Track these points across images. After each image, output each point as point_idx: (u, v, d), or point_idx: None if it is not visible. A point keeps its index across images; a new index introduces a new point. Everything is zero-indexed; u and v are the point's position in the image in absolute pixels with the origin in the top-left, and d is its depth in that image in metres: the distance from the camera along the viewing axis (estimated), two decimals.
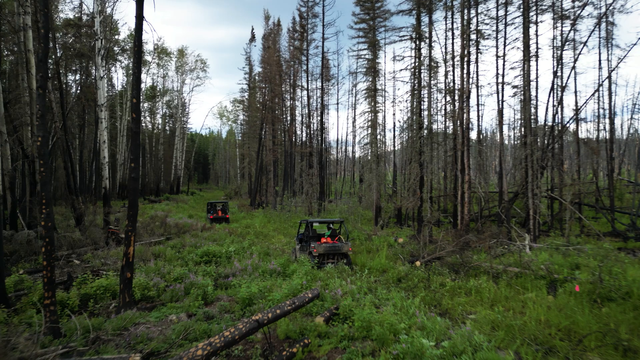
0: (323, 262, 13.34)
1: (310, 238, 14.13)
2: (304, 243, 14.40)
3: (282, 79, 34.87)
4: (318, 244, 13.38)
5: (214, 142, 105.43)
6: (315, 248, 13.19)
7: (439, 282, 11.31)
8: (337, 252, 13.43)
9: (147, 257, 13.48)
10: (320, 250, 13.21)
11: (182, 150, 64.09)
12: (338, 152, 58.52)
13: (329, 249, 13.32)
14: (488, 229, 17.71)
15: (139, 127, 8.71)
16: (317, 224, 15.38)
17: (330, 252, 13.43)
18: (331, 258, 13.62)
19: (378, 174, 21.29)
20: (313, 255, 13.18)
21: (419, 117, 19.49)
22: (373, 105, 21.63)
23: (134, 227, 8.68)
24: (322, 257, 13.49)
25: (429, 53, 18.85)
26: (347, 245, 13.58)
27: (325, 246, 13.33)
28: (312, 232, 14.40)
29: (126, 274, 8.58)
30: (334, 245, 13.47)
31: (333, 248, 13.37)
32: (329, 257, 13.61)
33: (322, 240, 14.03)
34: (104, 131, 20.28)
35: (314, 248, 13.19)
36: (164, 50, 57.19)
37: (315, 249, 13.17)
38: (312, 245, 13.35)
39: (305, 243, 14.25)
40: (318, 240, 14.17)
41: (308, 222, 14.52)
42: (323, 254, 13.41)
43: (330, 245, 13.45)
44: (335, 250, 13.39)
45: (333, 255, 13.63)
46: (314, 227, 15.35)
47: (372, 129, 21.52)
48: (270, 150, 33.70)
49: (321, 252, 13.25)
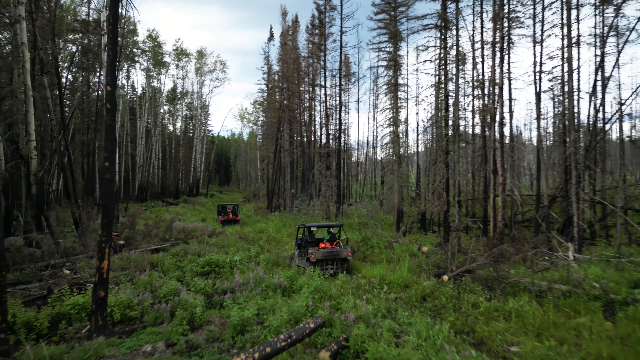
0: (322, 269, 12.66)
1: (309, 243, 13.45)
2: (302, 249, 13.67)
3: (300, 77, 33.55)
4: (316, 250, 12.73)
5: (235, 144, 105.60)
6: (313, 254, 12.52)
7: (471, 301, 9.61)
8: (336, 257, 12.78)
9: (144, 267, 12.27)
10: (318, 255, 12.53)
11: (202, 153, 63.70)
12: (358, 153, 56.83)
13: (327, 254, 12.65)
14: (523, 236, 15.78)
15: (114, 119, 7.42)
16: (316, 228, 14.52)
17: (329, 258, 12.77)
18: (330, 264, 12.97)
19: (400, 175, 19.62)
20: (311, 261, 12.53)
21: (445, 112, 17.74)
22: (394, 101, 19.99)
23: (108, 237, 7.37)
24: (320, 263, 12.78)
25: (456, 42, 17.11)
26: (347, 250, 12.95)
27: (324, 251, 12.66)
28: (310, 237, 13.81)
29: (99, 292, 7.28)
30: (332, 250, 12.81)
31: (332, 253, 12.71)
32: (327, 262, 12.93)
33: (321, 246, 13.39)
34: None
35: (311, 254, 12.52)
36: (183, 52, 56.86)
37: (313, 254, 12.51)
38: (310, 250, 12.65)
39: (303, 249, 13.52)
40: (316, 245, 13.52)
41: (306, 226, 13.89)
42: (321, 259, 12.71)
43: (329, 250, 12.78)
44: (335, 256, 12.73)
45: (332, 260, 12.97)
46: (313, 232, 14.65)
47: (394, 127, 19.88)
48: (287, 151, 32.39)
49: (319, 257, 12.57)
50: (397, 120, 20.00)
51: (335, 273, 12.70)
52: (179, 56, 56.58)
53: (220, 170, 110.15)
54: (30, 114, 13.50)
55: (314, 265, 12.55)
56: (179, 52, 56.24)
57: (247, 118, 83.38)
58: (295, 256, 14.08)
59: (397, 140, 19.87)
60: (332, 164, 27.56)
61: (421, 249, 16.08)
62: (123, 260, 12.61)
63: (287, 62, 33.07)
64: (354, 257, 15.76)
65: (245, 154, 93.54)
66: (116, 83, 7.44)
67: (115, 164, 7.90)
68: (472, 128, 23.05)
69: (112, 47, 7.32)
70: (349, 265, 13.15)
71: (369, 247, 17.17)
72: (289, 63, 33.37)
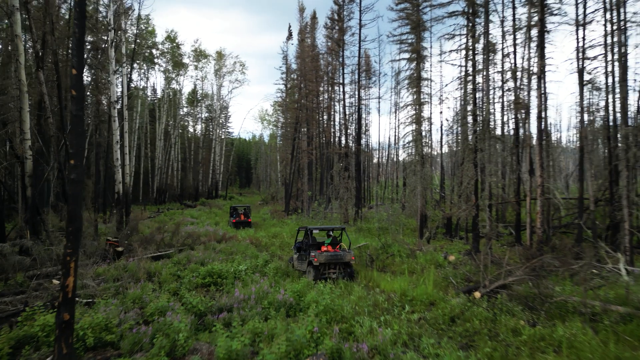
0: (324, 273, 12.30)
1: (310, 246, 13.03)
2: (302, 252, 13.35)
3: (319, 76, 32.27)
4: (318, 253, 12.27)
5: (255, 146, 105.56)
6: (316, 257, 12.09)
7: (510, 326, 8.05)
8: (339, 261, 12.38)
9: (139, 277, 11.17)
10: (321, 259, 12.09)
11: (221, 154, 63.24)
12: (379, 154, 55.13)
13: (330, 258, 12.21)
14: (565, 245, 14.00)
15: (82, 109, 6.26)
16: (317, 231, 14.27)
17: (332, 262, 12.34)
18: (333, 268, 12.53)
19: (423, 176, 18.05)
20: (313, 264, 12.16)
21: (474, 107, 16.12)
22: (417, 97, 18.45)
23: (75, 249, 6.21)
24: (323, 266, 12.34)
25: (485, 30, 15.47)
26: (350, 254, 12.52)
27: (327, 255, 12.21)
28: (311, 239, 13.42)
29: (63, 315, 6.12)
30: (335, 254, 12.36)
31: (335, 257, 12.27)
32: (330, 266, 12.50)
33: (323, 249, 12.94)
34: (117, 131, 18.50)
35: (314, 257, 12.11)
36: (202, 53, 56.50)
37: (316, 258, 12.08)
38: (312, 254, 12.24)
39: (304, 252, 13.21)
40: (318, 248, 13.05)
41: (307, 229, 13.49)
42: (324, 263, 12.27)
43: (332, 254, 12.33)
44: (337, 260, 12.32)
45: (335, 264, 12.53)
46: (314, 235, 14.43)
47: (416, 124, 18.33)
48: (305, 152, 31.13)
49: (322, 261, 12.13)
50: (420, 117, 18.43)
51: (337, 278, 12.25)
52: (197, 57, 56.26)
53: (241, 172, 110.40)
54: (25, 111, 12.66)
55: (316, 269, 12.12)
56: (197, 53, 55.89)
57: (267, 120, 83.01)
58: (295, 260, 13.67)
59: (420, 139, 18.30)
60: (350, 165, 26.13)
61: (448, 259, 14.50)
62: (118, 270, 11.55)
63: (304, 60, 31.88)
64: (372, 267, 14.34)
65: (265, 156, 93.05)
66: (83, 65, 6.30)
67: (83, 162, 6.74)
68: (501, 125, 21.23)
69: (79, 23, 6.17)
70: (351, 270, 12.70)
71: (389, 255, 15.70)
72: (307, 61, 32.17)
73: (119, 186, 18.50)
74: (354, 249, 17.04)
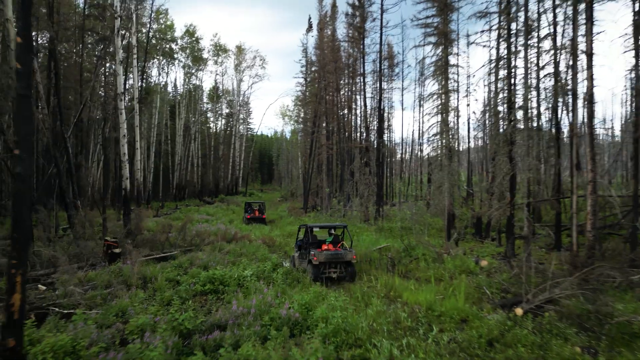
0: (324, 272, 11.95)
1: (310, 245, 12.64)
2: (302, 250, 13.11)
3: (339, 66, 30.74)
4: (318, 251, 11.97)
5: (277, 142, 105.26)
6: (316, 256, 11.75)
7: (564, 356, 6.50)
8: (339, 260, 12.02)
9: (133, 283, 10.08)
10: (320, 258, 11.76)
11: (241, 150, 62.60)
12: (402, 150, 53.20)
13: (330, 256, 11.88)
14: (617, 250, 12.17)
15: (29, 87, 5.07)
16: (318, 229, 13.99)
17: (332, 261, 11.98)
18: (333, 267, 12.15)
19: (450, 172, 16.38)
20: (313, 263, 11.78)
21: (509, 93, 14.38)
22: (444, 84, 16.78)
23: (21, 260, 5.05)
24: (323, 265, 11.96)
25: (525, 3, 13.66)
26: (351, 253, 12.18)
27: (327, 254, 11.89)
28: (312, 238, 13.04)
29: (8, 341, 4.99)
30: (336, 252, 12.05)
31: (335, 256, 11.94)
32: (330, 265, 12.10)
33: (324, 247, 12.66)
34: (124, 124, 17.55)
35: (313, 256, 11.77)
36: (221, 48, 55.76)
37: (316, 256, 11.75)
38: (312, 252, 11.91)
39: (304, 250, 12.94)
40: (319, 247, 12.73)
41: (307, 227, 13.20)
42: (324, 262, 11.89)
43: (333, 252, 12.02)
44: (338, 259, 11.98)
45: (335, 263, 12.14)
46: (315, 233, 13.90)
47: (443, 114, 16.67)
48: (324, 146, 29.74)
49: (322, 260, 11.79)
50: (448, 106, 16.75)
51: (338, 278, 12.05)
52: (217, 52, 55.53)
53: (263, 168, 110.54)
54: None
55: (315, 268, 11.76)
56: (217, 48, 55.16)
57: (288, 116, 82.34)
58: (295, 258, 13.39)
59: (447, 130, 16.62)
60: (371, 160, 24.59)
61: (480, 264, 12.88)
62: (112, 274, 10.50)
63: (323, 51, 30.46)
64: (393, 272, 12.89)
65: (286, 152, 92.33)
66: (30, 32, 5.10)
67: (31, 153, 5.57)
68: (537, 114, 19.23)
69: None
70: (353, 269, 12.30)
71: (412, 258, 14.18)
72: (326, 52, 30.75)
73: (126, 182, 17.58)
74: (374, 251, 15.61)
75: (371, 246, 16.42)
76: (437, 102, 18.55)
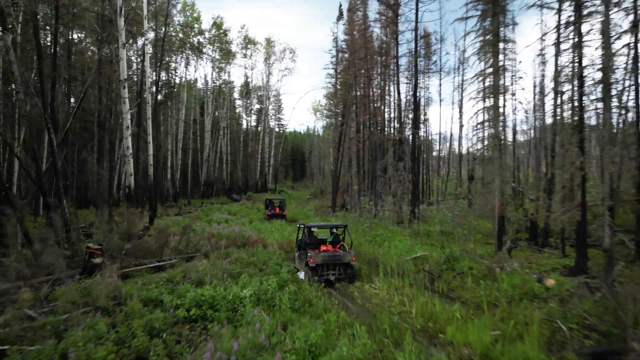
0: (322, 274, 11.36)
1: (308, 245, 12.21)
2: (302, 251, 12.53)
3: (370, 52, 28.08)
4: (315, 253, 11.51)
5: (309, 138, 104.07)
6: (312, 258, 11.23)
7: None
8: (338, 262, 11.53)
9: (101, 304, 8.08)
10: (317, 260, 11.25)
11: (270, 146, 60.98)
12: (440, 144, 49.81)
13: (328, 258, 11.40)
14: None
15: None
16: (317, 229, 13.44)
17: (330, 262, 11.48)
18: (332, 269, 11.64)
19: (502, 166, 13.53)
20: (310, 265, 11.23)
21: (579, 67, 11.44)
22: (494, 60, 13.92)
23: None
24: (320, 267, 11.41)
25: None
26: (350, 254, 11.69)
27: (324, 255, 11.43)
28: (311, 238, 12.73)
29: None
30: (334, 254, 11.59)
31: (333, 257, 11.46)
32: (328, 267, 11.59)
33: (322, 248, 12.22)
34: (127, 114, 15.86)
35: (310, 258, 11.25)
36: (250, 40, 54.16)
37: (312, 258, 11.21)
38: (309, 254, 11.42)
39: (303, 251, 12.35)
40: (317, 247, 12.31)
41: (306, 226, 12.84)
42: (322, 264, 11.35)
43: (331, 254, 11.57)
44: (336, 260, 11.50)
45: (334, 265, 11.64)
46: (314, 233, 13.41)
47: (493, 98, 13.84)
48: (353, 139, 27.25)
49: (319, 262, 11.26)
50: (498, 88, 13.90)
51: (336, 280, 11.50)
52: (246, 45, 53.95)
53: (296, 165, 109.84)
54: None
55: (312, 270, 11.17)
56: (245, 40, 53.59)
57: (320, 111, 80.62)
58: (296, 258, 12.96)
59: (499, 116, 13.79)
60: (406, 154, 21.91)
61: (544, 283, 10.09)
62: (82, 291, 8.58)
63: (353, 36, 27.98)
64: (431, 290, 10.38)
65: (318, 148, 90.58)
66: None
67: None
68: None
69: None
70: (352, 271, 11.73)
71: (456, 273, 11.52)
72: (357, 36, 28.23)
73: (130, 179, 15.90)
74: (409, 260, 13.10)
75: (405, 254, 13.89)
76: (481, 85, 15.62)
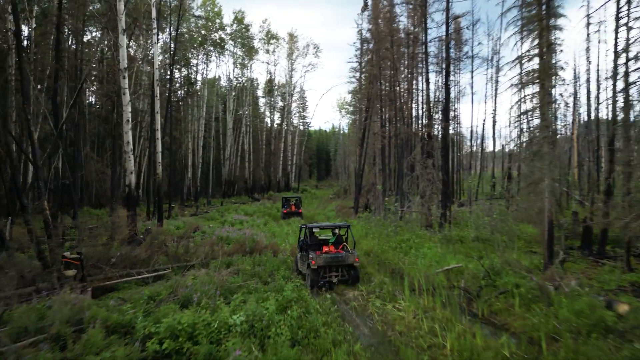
0: (324, 276, 10.99)
1: (310, 246, 11.80)
2: (303, 252, 12.06)
3: (396, 41, 25.99)
4: (317, 255, 11.00)
5: (334, 137, 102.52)
6: (314, 259, 10.77)
7: None
8: (340, 263, 11.09)
9: (57, 333, 6.55)
10: (319, 262, 10.81)
11: (293, 145, 59.57)
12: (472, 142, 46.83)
13: (330, 260, 10.95)
14: None
15: None
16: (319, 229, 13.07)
17: (333, 264, 11.04)
18: (334, 271, 11.25)
19: (552, 163, 11.32)
20: (312, 268, 10.79)
21: None
22: (542, 39, 11.71)
23: None
24: (323, 269, 10.99)
25: None
26: (354, 255, 11.23)
27: (326, 257, 10.96)
28: (312, 239, 12.35)
29: None
30: (337, 255, 11.15)
31: (336, 259, 11.01)
32: (331, 269, 11.19)
33: (324, 250, 11.77)
34: (127, 106, 14.53)
35: (312, 259, 10.79)
36: (272, 35, 52.79)
37: (314, 260, 10.76)
38: (311, 255, 10.92)
39: (305, 252, 11.90)
40: (319, 248, 11.86)
41: (307, 227, 12.43)
42: (324, 266, 10.92)
43: (333, 255, 11.13)
44: (339, 262, 11.04)
45: (336, 267, 11.25)
46: (316, 234, 12.94)
47: (542, 81, 11.59)
48: (377, 134, 25.25)
49: (321, 264, 10.83)
50: (549, 68, 11.65)
51: (339, 282, 11.25)
52: (268, 40, 52.61)
53: (321, 164, 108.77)
54: None
55: (314, 272, 10.81)
56: (268, 35, 52.23)
57: (345, 108, 79.03)
58: (298, 260, 12.59)
59: (550, 102, 11.58)
60: (435, 150, 19.79)
61: (616, 309, 7.94)
62: (41, 313, 7.12)
63: (378, 22, 25.98)
64: (470, 314, 8.41)
65: (343, 146, 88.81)
66: None
67: None
68: None
69: None
70: (356, 273, 11.37)
71: (499, 292, 9.44)
72: (381, 24, 26.22)
73: (130, 177, 14.58)
74: (440, 273, 11.14)
75: (435, 265, 11.90)
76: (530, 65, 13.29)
